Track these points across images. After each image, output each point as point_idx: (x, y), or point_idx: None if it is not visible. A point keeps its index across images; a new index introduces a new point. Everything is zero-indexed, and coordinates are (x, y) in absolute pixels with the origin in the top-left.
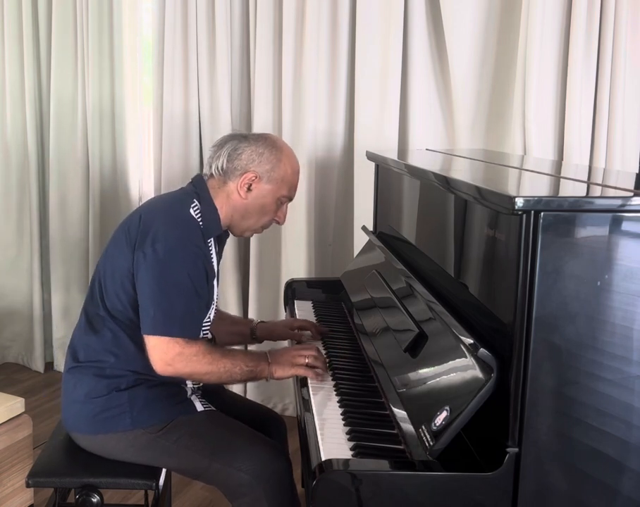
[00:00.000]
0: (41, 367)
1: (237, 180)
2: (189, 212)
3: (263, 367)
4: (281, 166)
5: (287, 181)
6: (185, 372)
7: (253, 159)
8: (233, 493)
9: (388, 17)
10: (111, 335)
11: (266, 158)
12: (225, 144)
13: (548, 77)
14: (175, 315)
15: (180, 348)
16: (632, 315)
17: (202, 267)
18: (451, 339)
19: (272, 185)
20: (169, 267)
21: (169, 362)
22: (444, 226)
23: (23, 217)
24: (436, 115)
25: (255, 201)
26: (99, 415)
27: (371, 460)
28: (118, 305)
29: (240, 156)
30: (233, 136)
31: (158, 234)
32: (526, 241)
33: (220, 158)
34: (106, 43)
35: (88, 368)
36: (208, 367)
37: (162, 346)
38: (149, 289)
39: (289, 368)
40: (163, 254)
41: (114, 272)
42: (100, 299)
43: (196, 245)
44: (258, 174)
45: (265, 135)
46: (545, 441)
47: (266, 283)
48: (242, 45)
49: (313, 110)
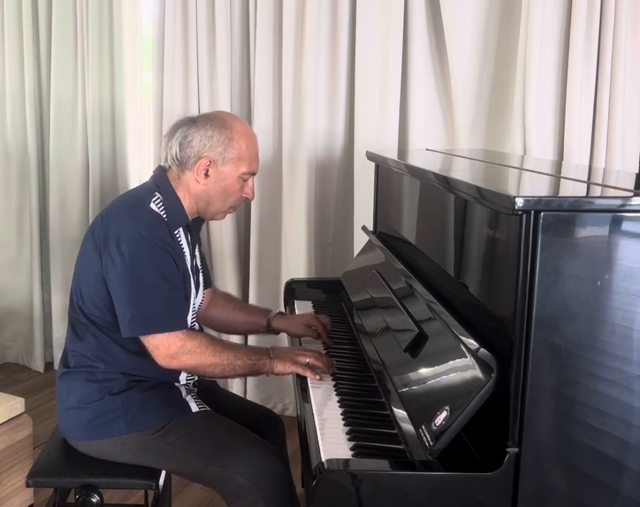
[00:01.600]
0: (41, 367)
1: (193, 168)
2: (150, 207)
3: (264, 361)
4: (234, 145)
5: (244, 158)
6: (190, 364)
7: (204, 144)
8: (231, 495)
9: (388, 17)
10: (94, 341)
11: (216, 141)
12: (175, 132)
13: (548, 77)
14: (154, 312)
15: (182, 341)
16: (632, 315)
17: (171, 259)
18: (451, 339)
19: (229, 166)
20: (137, 267)
21: (173, 355)
22: (444, 226)
23: (23, 217)
24: (436, 115)
25: (215, 185)
26: (94, 421)
27: (371, 460)
28: (96, 310)
29: (190, 143)
30: (182, 121)
31: (121, 234)
32: (526, 241)
33: (173, 148)
34: (106, 43)
35: (79, 374)
36: (212, 359)
37: (164, 342)
38: (122, 293)
39: (290, 364)
40: (129, 255)
41: (87, 279)
42: (78, 307)
43: (161, 239)
44: (212, 159)
45: (212, 115)
46: (545, 441)
47: (266, 283)
48: (242, 45)
49: (313, 110)
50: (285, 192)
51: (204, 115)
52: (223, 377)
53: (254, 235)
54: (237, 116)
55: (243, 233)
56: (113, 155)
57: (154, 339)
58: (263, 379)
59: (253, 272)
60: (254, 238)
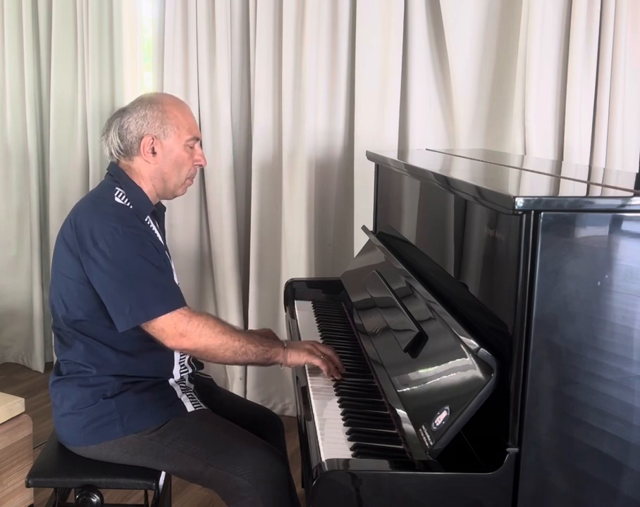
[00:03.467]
0: (41, 367)
1: (140, 151)
2: (114, 200)
3: (278, 350)
4: (169, 115)
5: (182, 125)
6: (201, 343)
7: (141, 125)
8: (231, 496)
9: (388, 17)
10: (83, 346)
11: (151, 117)
12: (110, 127)
13: (548, 77)
14: (150, 297)
15: (187, 317)
16: (632, 315)
17: (150, 244)
18: (451, 339)
19: (171, 137)
20: (120, 259)
21: (182, 333)
22: (444, 226)
23: (23, 217)
24: (436, 115)
25: (165, 159)
26: (90, 426)
27: (371, 460)
28: (81, 315)
29: (128, 129)
30: (114, 115)
31: (94, 233)
32: (526, 241)
33: (114, 141)
34: (106, 43)
35: (72, 380)
36: (222, 338)
37: (169, 322)
38: (113, 289)
39: (305, 355)
40: (109, 250)
41: (68, 285)
42: (62, 316)
43: (135, 226)
44: (153, 135)
45: (139, 98)
46: (545, 441)
47: (266, 283)
48: (242, 45)
49: (313, 110)
50: (285, 192)
51: (132, 102)
52: (235, 362)
53: (254, 235)
54: (164, 92)
55: (243, 233)
56: None
57: (157, 322)
58: (263, 379)
59: (253, 272)
60: (254, 238)
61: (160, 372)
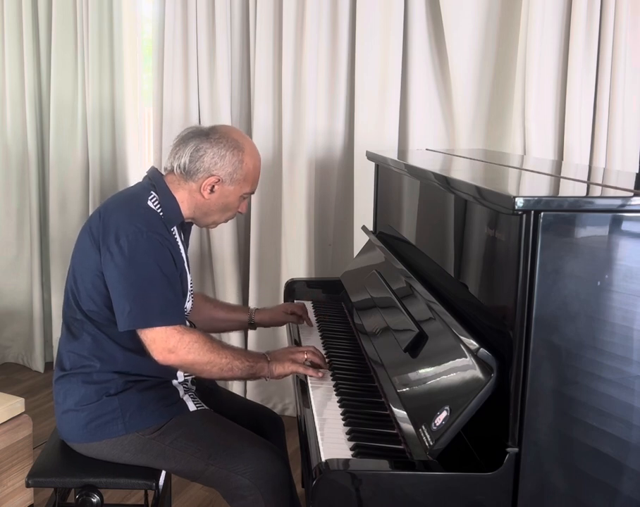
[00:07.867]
0: (41, 367)
1: (200, 182)
2: (147, 204)
3: (262, 365)
4: (243, 167)
5: (249, 179)
6: (188, 359)
7: (215, 162)
8: (232, 495)
9: (388, 17)
10: (90, 339)
11: (228, 161)
12: (187, 143)
13: (548, 77)
14: (153, 306)
15: (180, 334)
16: (632, 315)
17: (169, 254)
18: (451, 339)
19: (235, 186)
20: (136, 261)
21: (171, 349)
22: (444, 226)
23: (23, 217)
24: (436, 115)
25: (218, 201)
26: (92, 423)
27: (371, 460)
28: (93, 306)
29: (202, 158)
30: (195, 132)
31: (119, 229)
32: (526, 241)
33: (182, 158)
34: (106, 43)
35: (76, 376)
36: (209, 356)
37: (162, 335)
38: (121, 286)
39: (289, 364)
40: (128, 248)
41: (84, 275)
42: (75, 304)
43: (159, 234)
44: (221, 178)
45: (226, 134)
46: (545, 441)
47: (266, 283)
48: (242, 45)
49: (313, 110)
50: (285, 192)
51: (217, 130)
52: (221, 377)
53: (254, 235)
54: (246, 135)
55: (243, 233)
56: (113, 155)
57: (151, 332)
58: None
59: (253, 272)
60: (254, 238)
61: (164, 373)
